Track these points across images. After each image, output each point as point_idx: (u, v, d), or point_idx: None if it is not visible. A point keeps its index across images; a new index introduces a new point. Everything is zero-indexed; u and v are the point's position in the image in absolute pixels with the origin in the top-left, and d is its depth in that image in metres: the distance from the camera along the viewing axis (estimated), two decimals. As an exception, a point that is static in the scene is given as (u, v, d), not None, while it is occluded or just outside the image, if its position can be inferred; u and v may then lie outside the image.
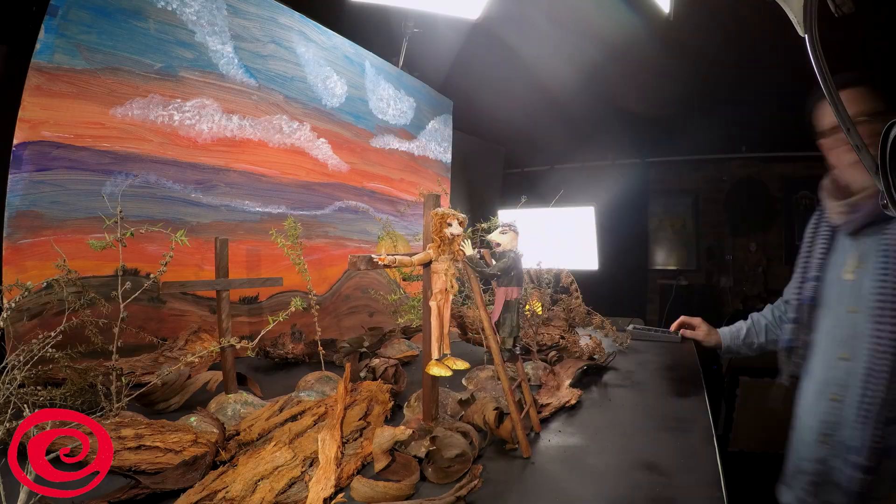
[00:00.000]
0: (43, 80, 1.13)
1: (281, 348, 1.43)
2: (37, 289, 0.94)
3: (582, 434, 0.97)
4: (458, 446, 0.78)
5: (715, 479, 0.77)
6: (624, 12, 2.20)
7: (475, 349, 1.52)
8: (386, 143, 2.28)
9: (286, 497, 0.69)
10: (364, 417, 0.92)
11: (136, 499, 0.68)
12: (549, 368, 1.29)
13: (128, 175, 1.29)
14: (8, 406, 0.71)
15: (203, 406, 0.99)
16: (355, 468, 0.78)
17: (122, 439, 0.75)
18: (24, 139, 1.10)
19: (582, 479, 0.78)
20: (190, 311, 1.43)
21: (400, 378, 1.18)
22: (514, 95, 3.16)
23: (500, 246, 0.91)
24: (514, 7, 2.28)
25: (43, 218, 1.14)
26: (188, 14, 1.42)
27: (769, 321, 1.47)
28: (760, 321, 1.48)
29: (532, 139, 3.97)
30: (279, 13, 1.71)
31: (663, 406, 1.14)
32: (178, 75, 1.40)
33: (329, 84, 1.94)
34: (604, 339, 1.65)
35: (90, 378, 0.91)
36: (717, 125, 3.51)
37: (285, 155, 1.75)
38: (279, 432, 0.85)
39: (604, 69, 2.75)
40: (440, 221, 0.82)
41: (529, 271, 1.52)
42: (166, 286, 0.94)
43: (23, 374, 0.74)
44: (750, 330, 1.49)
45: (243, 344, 1.01)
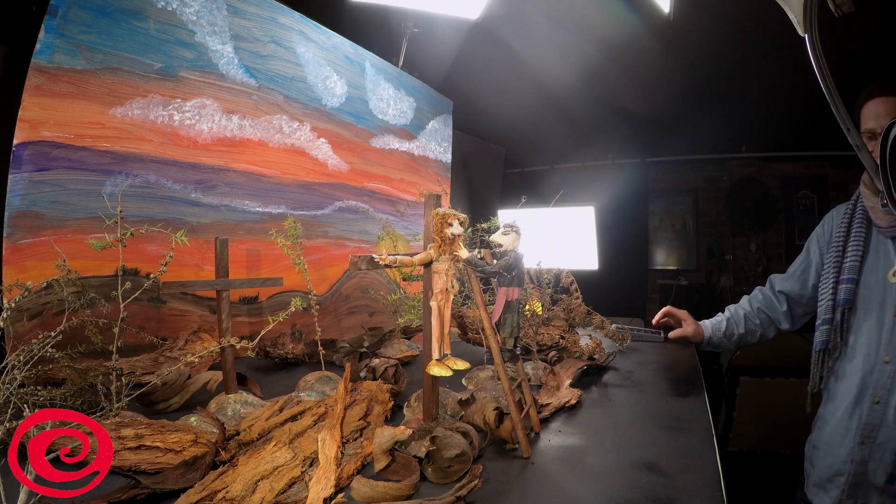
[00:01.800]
0: (43, 80, 1.12)
1: (281, 348, 1.43)
2: (37, 289, 0.94)
3: (582, 434, 0.97)
4: (458, 446, 0.78)
5: (715, 479, 0.77)
6: (624, 12, 2.20)
7: (475, 349, 1.52)
8: (386, 143, 2.28)
9: (286, 497, 0.69)
10: (364, 417, 0.92)
11: (136, 499, 0.68)
12: (549, 368, 1.29)
13: (128, 175, 1.29)
14: (8, 406, 0.71)
15: (203, 406, 0.99)
16: (355, 468, 0.78)
17: (122, 439, 0.75)
18: (24, 139, 1.10)
19: (582, 479, 0.78)
20: (190, 311, 1.43)
21: (400, 378, 1.18)
22: (514, 95, 3.16)
23: (502, 247, 0.91)
24: (514, 7, 2.28)
25: (43, 218, 1.14)
26: (188, 14, 1.42)
27: (747, 311, 1.45)
28: (739, 312, 1.47)
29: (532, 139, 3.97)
30: (279, 13, 1.71)
31: (663, 406, 1.14)
32: (178, 75, 1.40)
33: (329, 84, 1.94)
34: (603, 339, 1.65)
35: (90, 378, 0.91)
36: (717, 125, 3.51)
37: (285, 155, 1.75)
38: (279, 432, 0.85)
39: (604, 69, 2.75)
40: (441, 221, 0.82)
41: (529, 271, 1.52)
42: (166, 286, 0.94)
43: (23, 374, 0.74)
44: (730, 321, 1.47)
45: (243, 344, 1.01)
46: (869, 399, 1.08)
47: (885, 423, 1.04)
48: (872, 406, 1.07)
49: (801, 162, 3.93)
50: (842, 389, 1.14)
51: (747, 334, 1.43)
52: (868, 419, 1.08)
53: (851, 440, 1.10)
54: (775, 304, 1.40)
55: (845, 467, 1.10)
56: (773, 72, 2.74)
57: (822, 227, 1.32)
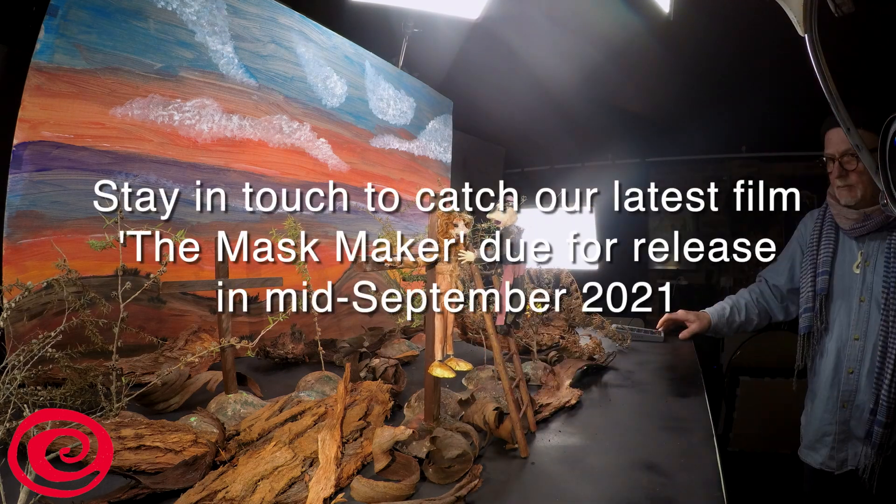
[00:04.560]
0: (43, 80, 1.12)
1: (281, 348, 1.43)
2: (37, 289, 0.94)
3: (582, 434, 0.97)
4: (459, 447, 0.78)
5: (715, 479, 0.77)
6: (624, 12, 2.20)
7: (476, 349, 1.52)
8: (386, 143, 2.28)
9: (286, 497, 0.69)
10: (364, 417, 0.92)
11: (136, 499, 0.68)
12: (549, 368, 1.29)
13: (128, 175, 1.29)
14: (8, 406, 0.71)
15: (203, 406, 0.99)
16: (355, 468, 0.78)
17: (122, 439, 0.75)
18: (24, 139, 1.10)
19: (582, 479, 0.78)
20: (190, 311, 1.43)
21: (400, 378, 1.18)
22: (514, 95, 3.16)
23: (501, 223, 0.91)
24: (514, 7, 2.27)
25: (43, 218, 1.14)
26: (188, 14, 1.42)
27: (748, 301, 1.57)
28: (740, 301, 1.57)
29: (532, 139, 3.97)
30: (279, 13, 1.71)
31: (663, 406, 1.14)
32: (178, 75, 1.40)
33: (329, 84, 1.93)
34: (604, 339, 1.65)
35: (90, 378, 0.91)
36: (717, 125, 3.50)
37: (285, 155, 1.75)
38: (279, 432, 0.85)
39: (604, 69, 2.74)
40: (446, 222, 0.82)
41: (529, 271, 1.52)
42: (166, 286, 0.94)
43: (23, 374, 0.74)
44: (733, 309, 1.56)
45: (243, 344, 1.01)
46: (844, 370, 1.29)
47: (859, 389, 1.27)
48: (848, 376, 1.28)
49: (801, 162, 3.92)
50: (823, 364, 1.35)
51: (746, 322, 1.57)
52: (845, 386, 1.29)
53: (834, 405, 1.31)
54: (771, 296, 1.56)
55: (831, 428, 1.31)
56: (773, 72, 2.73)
57: (799, 231, 1.56)
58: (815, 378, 1.39)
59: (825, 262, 1.35)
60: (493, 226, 0.92)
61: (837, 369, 1.32)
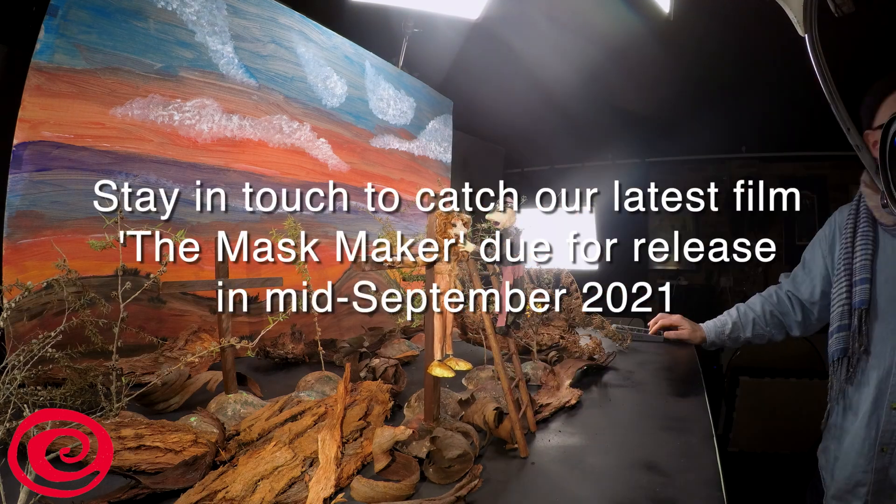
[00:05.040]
0: (43, 80, 1.12)
1: (281, 348, 1.43)
2: (37, 289, 0.94)
3: (582, 434, 0.97)
4: (459, 447, 0.78)
5: (715, 479, 0.77)
6: (624, 12, 2.20)
7: (476, 349, 1.51)
8: (386, 143, 2.28)
9: (286, 497, 0.69)
10: (364, 417, 0.92)
11: (136, 499, 0.68)
12: (549, 368, 1.29)
13: (128, 175, 1.29)
14: (8, 406, 0.71)
15: (203, 406, 0.99)
16: (355, 468, 0.78)
17: (122, 439, 0.75)
18: (24, 139, 1.10)
19: (582, 479, 0.78)
20: (190, 311, 1.43)
21: (400, 378, 1.18)
22: (514, 95, 3.16)
23: (500, 224, 0.91)
24: (514, 7, 2.28)
25: (43, 218, 1.14)
26: (188, 14, 1.42)
27: (757, 315, 1.40)
28: (748, 314, 1.42)
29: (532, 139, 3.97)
30: (279, 13, 1.71)
31: (663, 406, 1.14)
32: (178, 75, 1.40)
33: (329, 84, 1.93)
34: (604, 339, 1.65)
35: (90, 378, 0.91)
36: (717, 125, 3.51)
37: (285, 155, 1.75)
38: (279, 432, 0.85)
39: (604, 69, 2.75)
40: (445, 222, 0.82)
41: (529, 271, 1.52)
42: (166, 286, 0.94)
43: (23, 374, 0.74)
44: (736, 324, 1.44)
45: (243, 344, 1.01)
46: (887, 405, 1.04)
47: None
48: (890, 412, 1.03)
49: (801, 162, 3.93)
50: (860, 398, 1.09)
51: (754, 338, 1.40)
52: (886, 426, 1.04)
53: (871, 448, 1.06)
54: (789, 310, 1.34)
55: (866, 477, 1.07)
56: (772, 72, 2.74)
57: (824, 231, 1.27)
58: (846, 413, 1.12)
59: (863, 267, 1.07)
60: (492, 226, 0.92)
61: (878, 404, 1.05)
